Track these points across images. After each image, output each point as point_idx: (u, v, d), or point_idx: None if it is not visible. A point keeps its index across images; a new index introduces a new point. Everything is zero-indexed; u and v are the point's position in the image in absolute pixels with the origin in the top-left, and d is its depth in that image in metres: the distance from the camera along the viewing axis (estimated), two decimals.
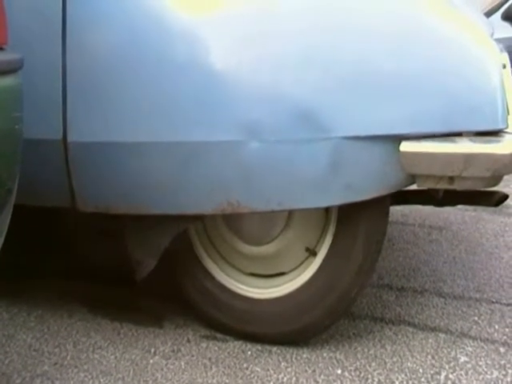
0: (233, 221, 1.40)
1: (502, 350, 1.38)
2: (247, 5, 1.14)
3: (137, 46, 1.16)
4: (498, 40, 1.37)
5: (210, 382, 1.24)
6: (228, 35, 1.13)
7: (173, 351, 1.37)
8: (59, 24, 1.17)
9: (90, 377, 1.26)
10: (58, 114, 1.21)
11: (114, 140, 1.19)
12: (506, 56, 1.34)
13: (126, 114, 1.18)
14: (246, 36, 1.13)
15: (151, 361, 1.33)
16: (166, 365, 1.31)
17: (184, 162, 1.17)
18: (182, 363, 1.32)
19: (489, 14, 4.23)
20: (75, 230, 1.89)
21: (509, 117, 1.05)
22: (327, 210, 1.31)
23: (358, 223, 1.25)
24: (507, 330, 1.47)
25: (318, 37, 1.10)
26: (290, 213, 1.34)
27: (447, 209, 2.55)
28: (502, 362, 1.32)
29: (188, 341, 1.41)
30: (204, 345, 1.39)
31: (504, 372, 1.29)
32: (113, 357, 1.34)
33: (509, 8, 4.32)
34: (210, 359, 1.33)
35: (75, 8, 1.17)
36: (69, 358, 1.34)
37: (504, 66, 1.16)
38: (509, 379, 1.26)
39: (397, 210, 2.52)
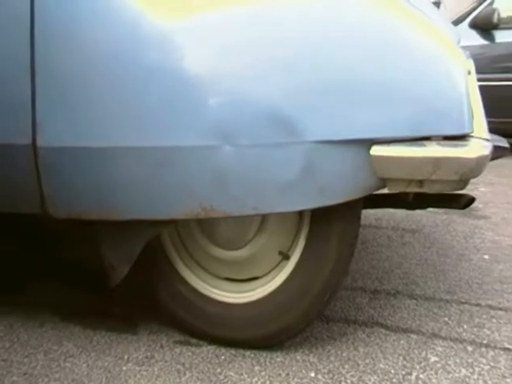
0: (206, 225, 1.40)
1: (469, 348, 1.41)
2: (221, 12, 1.14)
3: (108, 50, 1.15)
4: (466, 47, 1.41)
5: None
6: (201, 41, 1.13)
7: (146, 357, 1.36)
8: (27, 25, 1.15)
9: None
10: (26, 118, 1.19)
11: (85, 145, 1.18)
12: (471, 63, 1.37)
13: (98, 119, 1.17)
14: (219, 42, 1.13)
15: (124, 368, 1.31)
16: (140, 371, 1.30)
17: (157, 167, 1.17)
18: (156, 369, 1.31)
19: (457, 22, 4.34)
20: (47, 236, 1.87)
21: (473, 121, 1.07)
22: (300, 213, 1.32)
23: (331, 227, 1.26)
24: (475, 329, 1.51)
25: (290, 43, 1.11)
26: (264, 217, 1.35)
27: (419, 212, 2.59)
28: (470, 361, 1.35)
29: (162, 347, 1.41)
30: (178, 350, 1.39)
31: (471, 370, 1.31)
32: (85, 365, 1.33)
33: (476, 17, 4.44)
34: (183, 365, 1.33)
35: (44, 9, 1.16)
36: (39, 367, 1.32)
37: (469, 73, 1.18)
38: (476, 377, 1.28)
39: (371, 214, 2.56)
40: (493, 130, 1.23)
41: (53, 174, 1.23)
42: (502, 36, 4.25)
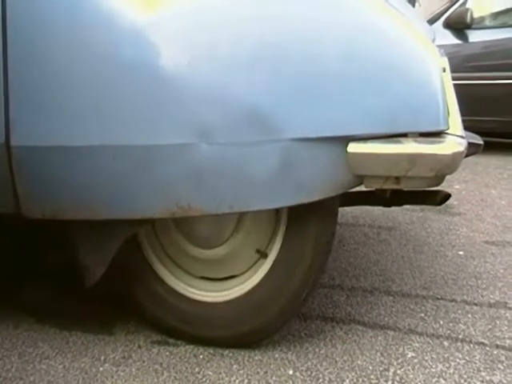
0: (183, 224, 1.39)
1: (446, 343, 1.43)
2: (197, 7, 1.13)
3: (84, 47, 1.13)
4: (440, 46, 1.42)
5: None
6: (178, 37, 1.12)
7: (123, 358, 1.34)
8: None
9: None
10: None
11: (61, 144, 1.16)
12: (445, 60, 1.39)
13: (74, 117, 1.15)
14: (196, 38, 1.12)
15: (101, 368, 1.30)
16: (117, 372, 1.28)
17: (134, 166, 1.15)
18: (133, 369, 1.29)
19: (430, 22, 4.40)
20: (23, 236, 1.83)
21: (449, 118, 1.08)
22: (277, 211, 1.32)
23: (308, 224, 1.26)
24: (451, 324, 1.52)
25: (266, 39, 1.11)
26: (241, 215, 1.34)
27: (396, 209, 2.62)
28: (446, 356, 1.37)
29: (139, 347, 1.39)
30: (155, 350, 1.38)
31: (447, 365, 1.33)
32: (61, 366, 1.31)
33: (449, 17, 4.51)
34: (161, 364, 1.31)
35: (16, 5, 1.13)
36: (14, 370, 1.29)
37: (444, 70, 1.19)
38: (451, 371, 1.30)
39: (347, 212, 2.57)
40: (466, 128, 1.25)
41: (27, 174, 1.20)
42: (474, 36, 4.32)
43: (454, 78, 1.49)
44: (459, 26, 4.30)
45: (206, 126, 1.11)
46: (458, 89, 1.45)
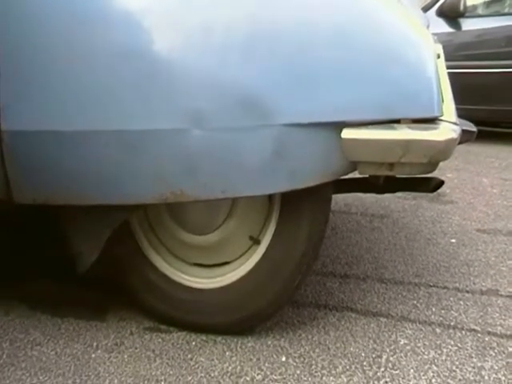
0: (176, 210, 1.38)
1: (438, 330, 1.43)
2: None
3: (76, 32, 1.12)
4: (433, 34, 1.41)
5: (153, 374, 1.23)
6: (170, 23, 1.11)
7: (116, 344, 1.34)
8: None
9: (27, 374, 1.22)
10: None
11: (52, 129, 1.15)
12: (440, 46, 1.38)
13: (65, 102, 1.14)
14: (188, 24, 1.11)
15: (93, 355, 1.29)
16: (109, 358, 1.28)
17: (126, 151, 1.14)
18: (125, 356, 1.29)
19: (424, 9, 4.38)
20: (12, 222, 1.82)
21: (443, 105, 1.08)
22: (270, 198, 1.32)
23: (301, 211, 1.26)
24: (443, 311, 1.53)
25: (259, 24, 1.10)
26: (234, 201, 1.34)
27: (388, 197, 2.63)
28: (438, 342, 1.38)
29: (131, 333, 1.39)
30: (148, 337, 1.37)
31: (440, 351, 1.34)
32: (53, 353, 1.30)
33: (442, 5, 4.49)
34: (153, 351, 1.31)
35: None
36: (5, 356, 1.29)
37: (438, 56, 1.19)
38: (444, 358, 1.31)
39: (340, 199, 2.58)
40: (459, 116, 1.24)
41: (18, 159, 1.19)
42: (468, 24, 4.32)
43: (447, 67, 1.48)
44: (452, 14, 4.29)
45: (198, 111, 1.10)
46: (451, 77, 1.44)
